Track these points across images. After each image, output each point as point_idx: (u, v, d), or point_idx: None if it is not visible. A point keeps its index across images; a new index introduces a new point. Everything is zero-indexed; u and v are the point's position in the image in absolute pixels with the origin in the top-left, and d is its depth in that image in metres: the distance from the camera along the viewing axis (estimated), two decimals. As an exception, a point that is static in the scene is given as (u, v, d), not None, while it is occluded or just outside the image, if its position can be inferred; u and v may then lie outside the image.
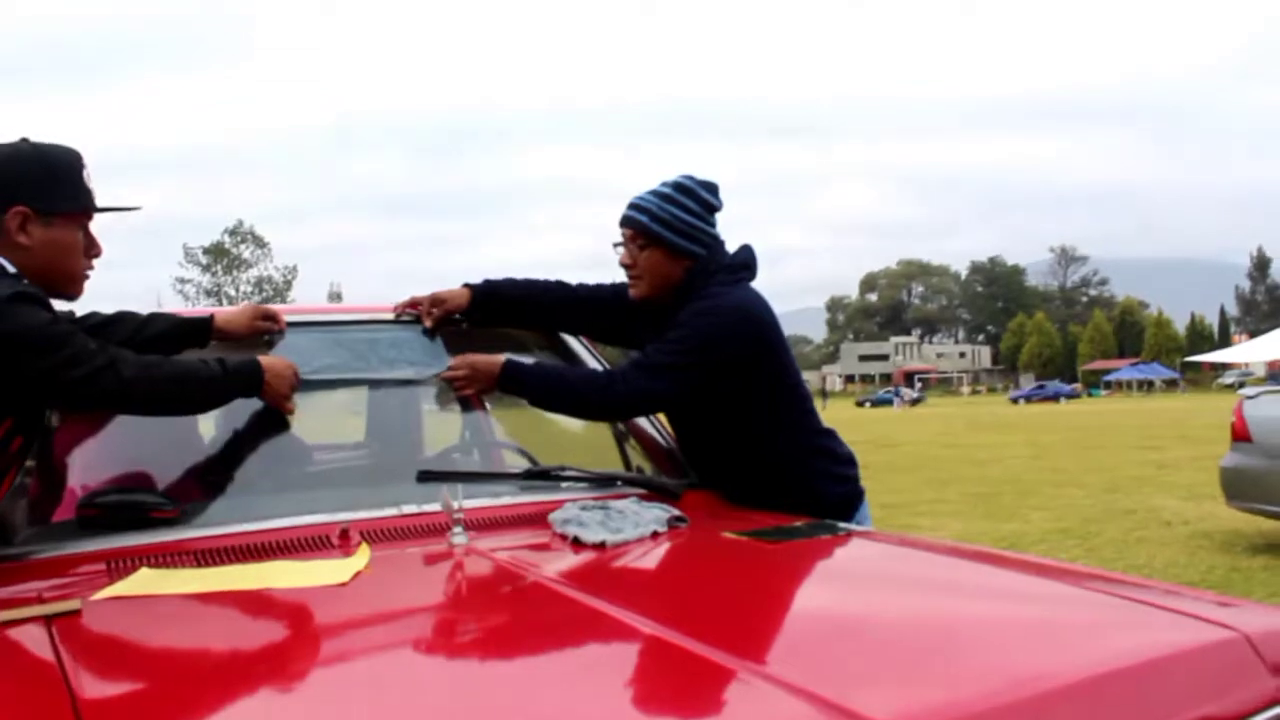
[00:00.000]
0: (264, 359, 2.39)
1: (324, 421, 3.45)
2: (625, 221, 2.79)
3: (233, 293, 67.39)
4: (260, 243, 72.74)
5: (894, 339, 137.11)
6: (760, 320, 2.71)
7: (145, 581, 1.99)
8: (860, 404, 78.81)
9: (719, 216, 2.85)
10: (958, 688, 1.38)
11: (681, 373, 2.63)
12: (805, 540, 2.29)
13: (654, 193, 2.77)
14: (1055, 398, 74.15)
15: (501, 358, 2.72)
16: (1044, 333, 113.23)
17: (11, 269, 2.10)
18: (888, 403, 75.30)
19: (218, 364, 2.27)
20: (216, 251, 70.42)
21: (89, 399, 2.11)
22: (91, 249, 2.26)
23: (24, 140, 2.20)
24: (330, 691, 1.48)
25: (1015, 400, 74.60)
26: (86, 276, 2.28)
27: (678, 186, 2.77)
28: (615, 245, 2.84)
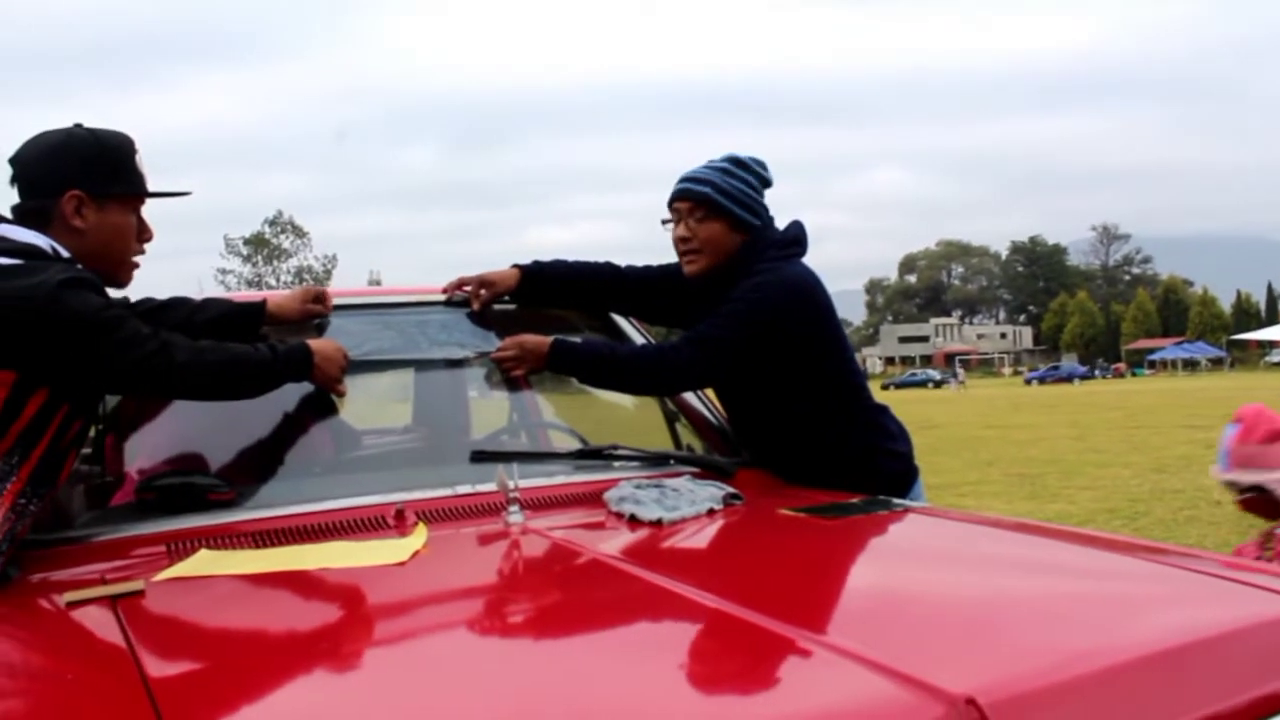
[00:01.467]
0: (313, 342, 2.40)
1: (371, 404, 3.47)
2: (684, 195, 2.75)
3: (273, 283, 67.84)
4: (300, 232, 73.18)
5: (934, 320, 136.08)
6: (812, 295, 2.69)
7: (205, 562, 2.00)
8: (885, 387, 75.50)
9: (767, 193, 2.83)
10: (1033, 660, 1.36)
11: (734, 346, 2.61)
12: (863, 516, 2.27)
13: (710, 167, 2.75)
14: (1069, 379, 73.40)
15: (550, 337, 2.70)
16: (1086, 312, 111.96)
17: (65, 253, 2.11)
18: (916, 385, 74.28)
19: (268, 348, 2.28)
20: (257, 242, 70.92)
21: (142, 383, 2.12)
22: (143, 233, 2.28)
23: (78, 125, 2.22)
24: (396, 670, 1.48)
25: (1029, 381, 73.74)
26: (137, 264, 2.30)
27: (733, 160, 2.76)
28: (665, 223, 2.82)
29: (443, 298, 2.96)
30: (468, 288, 2.92)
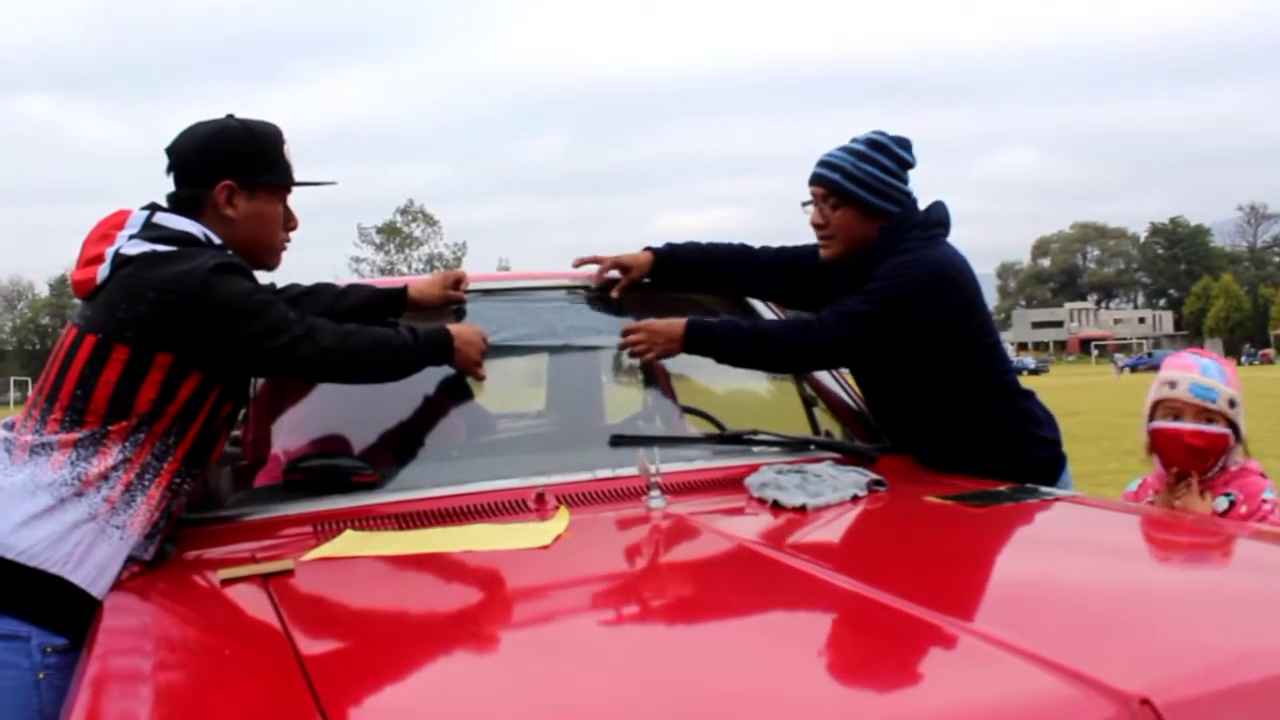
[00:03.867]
0: (454, 327, 2.43)
1: (505, 388, 3.49)
2: (817, 180, 2.69)
3: (405, 270, 69.38)
4: (430, 221, 74.87)
5: (1069, 305, 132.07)
6: (961, 277, 2.60)
7: (351, 543, 2.03)
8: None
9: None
10: (1209, 658, 1.29)
11: (881, 322, 2.53)
12: (1012, 505, 2.20)
13: (847, 150, 2.67)
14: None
15: (683, 319, 2.66)
16: (1231, 296, 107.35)
17: (217, 240, 2.17)
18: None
19: (409, 333, 2.32)
20: (389, 230, 72.68)
21: (288, 366, 2.17)
22: (289, 221, 2.33)
23: (230, 117, 2.28)
24: (544, 653, 1.48)
25: (1122, 369, 70.60)
26: (284, 248, 2.35)
27: (872, 143, 2.67)
28: (804, 204, 2.75)
29: (575, 282, 2.95)
30: (599, 268, 2.90)
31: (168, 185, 2.24)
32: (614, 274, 2.89)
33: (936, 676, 1.30)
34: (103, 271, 2.05)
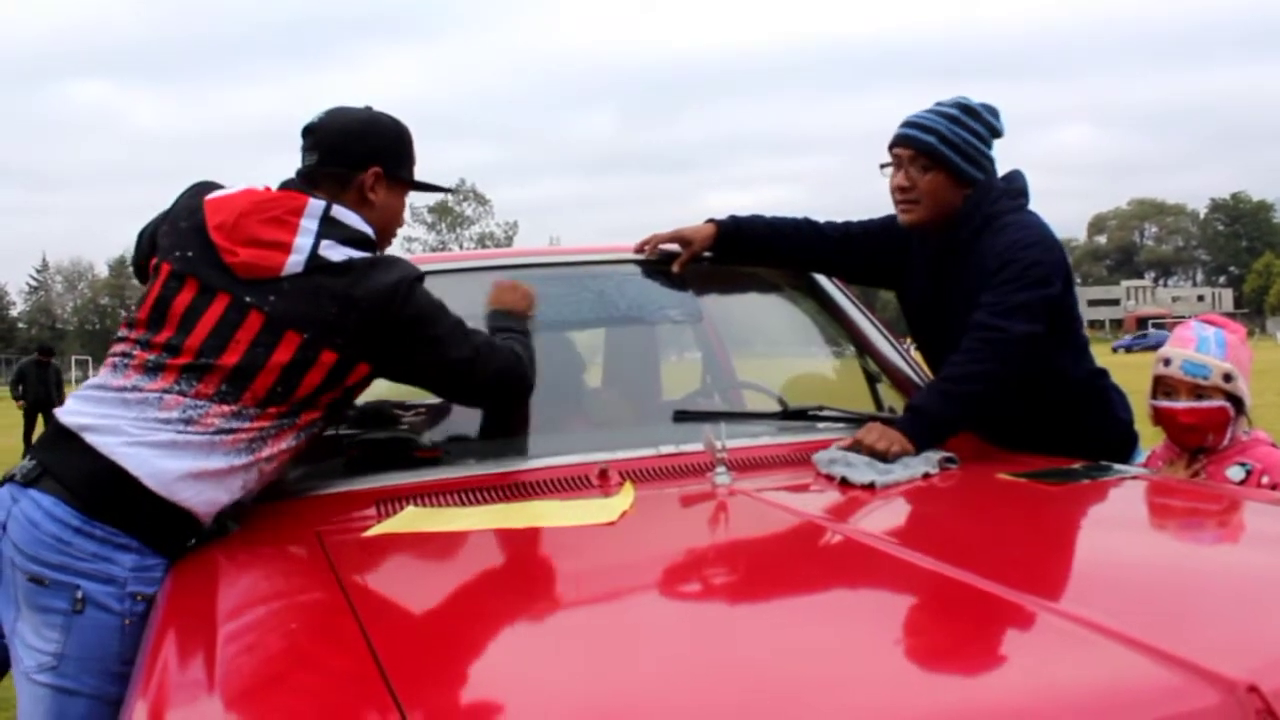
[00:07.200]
0: (503, 296, 2.43)
1: (561, 364, 3.46)
2: (907, 141, 2.58)
3: (457, 249, 69.70)
4: (482, 200, 75.33)
5: (1125, 283, 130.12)
6: (1063, 249, 2.56)
7: (413, 519, 2.01)
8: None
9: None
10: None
11: (1041, 306, 2.43)
12: (1089, 483, 2.13)
13: (938, 113, 2.58)
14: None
15: (900, 422, 2.37)
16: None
17: (372, 233, 2.18)
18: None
19: (513, 335, 2.33)
20: (441, 210, 73.10)
21: (463, 387, 2.25)
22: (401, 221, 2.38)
23: (369, 108, 2.33)
24: (617, 631, 1.45)
25: (1116, 350, 68.41)
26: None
27: (963, 108, 2.58)
28: (883, 167, 2.65)
29: (635, 256, 2.89)
30: (664, 246, 2.84)
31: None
32: (673, 247, 2.84)
33: (1025, 659, 1.25)
34: (293, 263, 2.04)
